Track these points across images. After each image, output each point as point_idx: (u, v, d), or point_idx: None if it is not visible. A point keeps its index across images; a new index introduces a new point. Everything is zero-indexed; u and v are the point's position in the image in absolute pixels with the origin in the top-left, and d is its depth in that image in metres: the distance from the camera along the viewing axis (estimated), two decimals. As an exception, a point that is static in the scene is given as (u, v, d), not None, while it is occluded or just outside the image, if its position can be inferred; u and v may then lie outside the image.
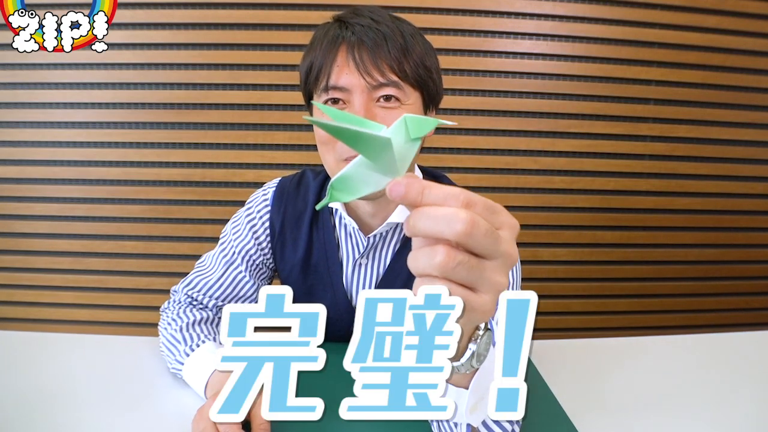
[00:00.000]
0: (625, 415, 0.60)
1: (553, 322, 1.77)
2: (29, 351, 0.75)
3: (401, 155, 0.30)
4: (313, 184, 0.79)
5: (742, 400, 0.64)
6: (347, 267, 0.77)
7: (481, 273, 0.30)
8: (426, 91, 0.65)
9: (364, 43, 0.60)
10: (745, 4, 1.63)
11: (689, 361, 0.75)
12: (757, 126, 1.72)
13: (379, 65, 0.60)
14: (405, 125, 0.30)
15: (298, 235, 0.77)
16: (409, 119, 0.30)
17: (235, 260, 0.77)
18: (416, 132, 0.30)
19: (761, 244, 1.80)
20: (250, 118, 1.63)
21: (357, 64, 0.60)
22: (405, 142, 0.30)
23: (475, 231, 0.28)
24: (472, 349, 0.36)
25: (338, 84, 0.61)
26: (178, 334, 0.67)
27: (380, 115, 0.61)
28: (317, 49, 0.64)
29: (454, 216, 0.28)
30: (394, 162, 0.29)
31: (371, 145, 0.27)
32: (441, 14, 1.58)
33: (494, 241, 0.30)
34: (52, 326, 1.73)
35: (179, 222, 1.68)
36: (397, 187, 0.29)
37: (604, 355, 0.77)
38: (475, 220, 0.28)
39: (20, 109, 1.62)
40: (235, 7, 1.57)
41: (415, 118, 0.30)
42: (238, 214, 0.81)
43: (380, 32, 0.60)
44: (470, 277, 0.30)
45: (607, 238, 1.74)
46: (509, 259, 0.32)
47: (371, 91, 0.61)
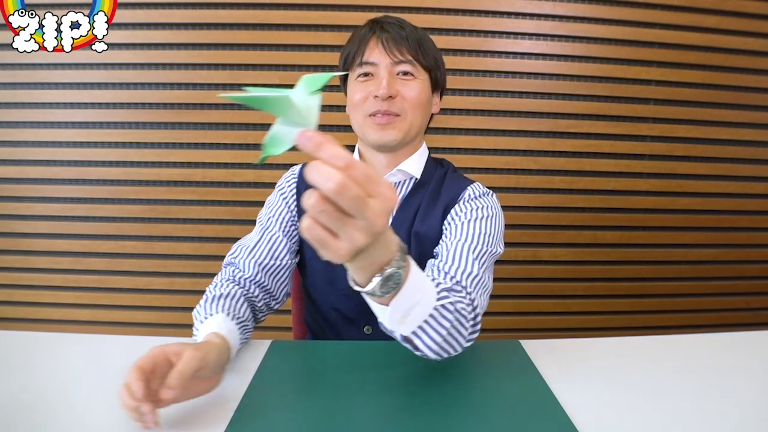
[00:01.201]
0: (625, 415, 0.60)
1: (553, 322, 1.77)
2: (29, 351, 0.75)
3: (307, 108, 0.36)
4: None
5: (742, 400, 0.64)
6: None
7: (342, 225, 0.38)
8: (434, 76, 0.85)
9: (390, 34, 0.81)
10: (745, 4, 1.63)
11: (689, 361, 0.75)
12: (757, 126, 1.72)
13: (400, 49, 0.80)
14: (304, 83, 0.36)
15: None
16: (306, 78, 0.36)
17: (269, 226, 0.88)
18: (313, 86, 0.36)
19: (761, 244, 1.80)
20: (250, 118, 1.63)
21: (384, 47, 0.80)
22: (306, 96, 0.36)
23: (343, 192, 0.36)
24: (375, 280, 0.47)
25: (369, 60, 0.81)
26: (201, 307, 0.74)
27: (399, 84, 0.81)
28: (354, 41, 0.84)
29: (331, 176, 0.36)
30: (301, 114, 0.35)
31: (276, 104, 0.34)
32: (441, 14, 1.58)
33: (359, 205, 0.37)
34: (52, 326, 1.73)
35: (179, 222, 1.68)
36: (301, 137, 0.36)
37: (604, 355, 0.77)
38: (345, 183, 0.36)
39: (20, 109, 1.62)
40: (235, 7, 1.57)
41: (311, 76, 0.36)
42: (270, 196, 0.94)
43: (402, 29, 0.82)
44: (333, 224, 0.38)
45: (607, 238, 1.74)
46: (372, 225, 0.39)
47: (393, 66, 0.81)
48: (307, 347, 0.81)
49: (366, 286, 0.48)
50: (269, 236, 0.86)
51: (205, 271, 1.70)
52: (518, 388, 0.65)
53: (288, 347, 0.78)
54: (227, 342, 0.64)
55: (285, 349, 0.76)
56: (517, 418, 0.58)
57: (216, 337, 0.64)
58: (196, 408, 0.59)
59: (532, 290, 1.75)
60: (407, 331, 0.56)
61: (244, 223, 1.67)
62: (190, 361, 0.54)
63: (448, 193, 0.85)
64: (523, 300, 1.75)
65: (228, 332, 0.66)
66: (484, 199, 0.84)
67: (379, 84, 0.79)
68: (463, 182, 0.87)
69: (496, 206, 0.84)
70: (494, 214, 0.81)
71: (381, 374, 0.68)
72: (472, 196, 0.84)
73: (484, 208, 0.81)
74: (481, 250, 0.75)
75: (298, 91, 0.36)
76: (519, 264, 1.73)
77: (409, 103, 0.81)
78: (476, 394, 0.59)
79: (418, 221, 0.83)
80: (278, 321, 1.71)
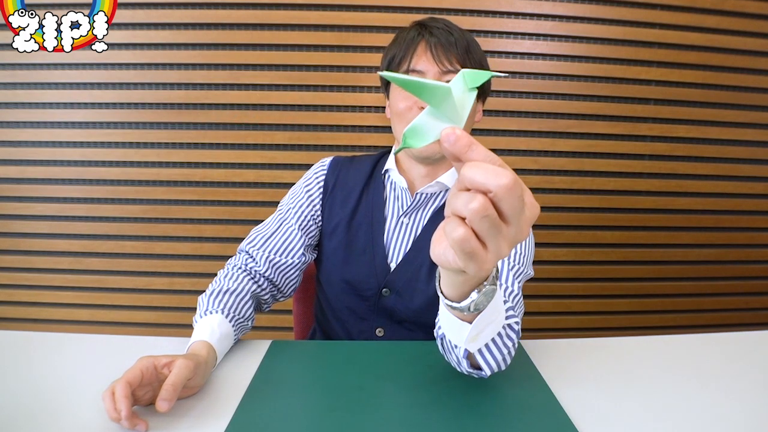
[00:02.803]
0: (624, 415, 0.60)
1: (553, 322, 1.77)
2: (29, 351, 0.75)
3: (461, 104, 0.34)
4: (369, 158, 0.92)
5: (743, 400, 0.64)
6: (390, 224, 0.85)
7: (497, 233, 0.34)
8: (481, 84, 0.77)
9: (439, 40, 0.78)
10: (745, 4, 1.63)
11: (689, 361, 0.75)
12: (757, 126, 1.72)
13: (449, 57, 0.77)
14: (463, 77, 0.35)
15: (349, 195, 0.87)
16: (467, 73, 0.35)
17: (287, 218, 0.87)
18: (472, 82, 0.35)
19: (761, 244, 1.80)
20: (250, 118, 1.63)
21: (433, 55, 0.77)
22: (463, 92, 0.35)
23: (514, 189, 0.32)
24: (473, 297, 0.45)
25: (416, 68, 0.78)
26: (206, 297, 0.75)
27: None
28: (401, 44, 0.81)
29: (503, 172, 0.32)
30: (455, 109, 0.34)
31: (434, 93, 0.33)
32: (441, 14, 1.57)
33: (521, 208, 0.34)
34: (52, 326, 1.73)
35: (179, 222, 1.68)
36: (450, 134, 0.33)
37: (604, 355, 0.77)
38: (517, 180, 0.32)
39: (20, 109, 1.62)
40: (235, 7, 1.57)
41: (472, 71, 0.35)
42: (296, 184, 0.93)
43: (452, 35, 0.78)
44: (489, 233, 0.34)
45: (607, 238, 1.74)
46: (520, 234, 0.35)
47: (441, 75, 0.77)
48: (307, 347, 0.81)
49: (461, 301, 0.46)
50: (286, 228, 0.86)
51: (205, 271, 1.70)
52: (518, 388, 0.65)
53: (288, 347, 0.78)
54: (214, 352, 0.67)
55: (285, 349, 0.76)
56: (517, 417, 0.58)
57: (204, 347, 0.66)
58: (196, 408, 0.60)
59: (532, 290, 1.75)
60: (474, 348, 0.55)
61: (244, 223, 1.67)
62: (182, 371, 0.56)
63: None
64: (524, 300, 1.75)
65: (219, 339, 0.69)
66: None
67: None
68: None
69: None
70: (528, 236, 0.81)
71: (381, 374, 0.68)
72: None
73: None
74: (518, 270, 0.76)
75: (456, 83, 0.35)
76: (519, 264, 1.73)
77: None
78: (476, 394, 0.59)
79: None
80: (278, 321, 1.71)
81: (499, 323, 0.55)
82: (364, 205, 0.86)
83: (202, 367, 0.62)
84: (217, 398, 0.61)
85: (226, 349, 0.71)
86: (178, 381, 0.56)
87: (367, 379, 0.66)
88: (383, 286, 0.83)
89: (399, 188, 0.86)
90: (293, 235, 0.86)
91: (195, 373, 0.59)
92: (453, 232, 0.34)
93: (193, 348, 0.66)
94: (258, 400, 0.61)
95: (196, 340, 0.67)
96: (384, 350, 0.75)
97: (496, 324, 0.54)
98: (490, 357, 0.57)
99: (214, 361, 0.67)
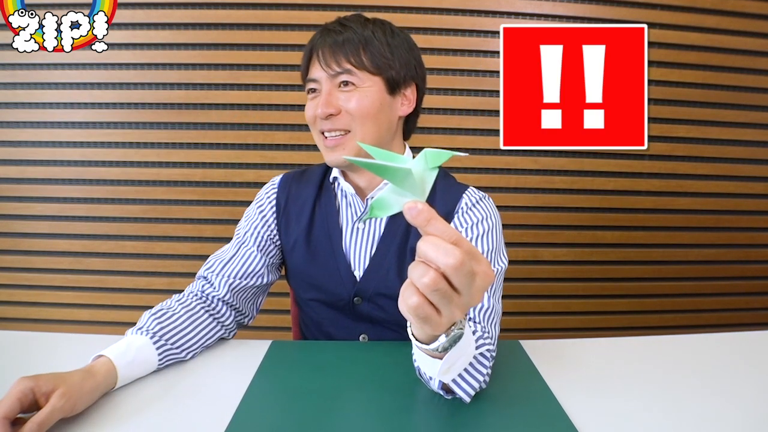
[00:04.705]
0: (624, 415, 0.60)
1: (552, 322, 1.77)
2: (29, 351, 0.75)
3: (422, 180, 0.36)
4: (318, 169, 0.89)
5: (743, 400, 0.64)
6: (346, 232, 0.83)
7: (449, 302, 0.38)
8: (387, 77, 0.77)
9: (326, 42, 0.76)
10: (745, 4, 1.63)
11: (689, 361, 0.75)
12: (757, 126, 1.72)
13: (337, 58, 0.74)
14: (425, 157, 0.36)
15: (302, 210, 0.85)
16: (428, 152, 0.36)
17: (245, 241, 0.85)
18: (433, 162, 0.36)
19: (761, 244, 1.80)
20: (250, 118, 1.63)
21: (320, 60, 0.76)
22: (424, 171, 0.36)
23: (461, 268, 0.35)
24: (441, 341, 0.47)
25: (312, 77, 0.77)
26: (148, 314, 0.72)
27: (341, 98, 0.75)
28: (305, 54, 0.80)
29: (452, 252, 0.35)
30: (416, 186, 0.36)
31: (396, 175, 0.35)
32: (441, 14, 1.58)
33: (470, 282, 0.37)
34: (52, 326, 1.73)
35: (179, 222, 1.68)
36: (412, 208, 0.36)
37: (604, 355, 0.77)
38: (464, 259, 0.35)
39: (20, 109, 1.62)
40: (234, 7, 1.57)
41: (435, 151, 0.36)
42: (249, 207, 0.91)
43: (342, 34, 0.76)
44: (441, 302, 0.38)
45: (607, 238, 1.74)
46: (472, 301, 0.39)
47: (332, 78, 0.75)
48: (307, 347, 0.81)
49: (430, 344, 0.48)
50: (244, 251, 0.84)
51: (205, 271, 1.70)
52: (518, 388, 0.65)
53: (288, 347, 0.78)
54: (115, 377, 0.62)
55: (285, 349, 0.76)
56: (517, 417, 0.58)
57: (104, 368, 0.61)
58: (196, 408, 0.60)
59: (532, 290, 1.75)
60: (448, 379, 0.56)
61: (244, 223, 1.67)
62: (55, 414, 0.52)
63: (444, 204, 0.80)
64: (523, 300, 1.75)
65: (129, 365, 0.64)
66: (480, 207, 0.80)
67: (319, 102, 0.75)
68: (456, 190, 0.82)
69: (493, 214, 0.80)
70: (493, 225, 0.78)
71: (381, 374, 0.68)
72: (469, 205, 0.80)
73: (483, 220, 0.77)
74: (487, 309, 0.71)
75: (418, 162, 0.37)
76: (519, 264, 1.73)
77: (354, 116, 0.74)
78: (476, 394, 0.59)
79: (413, 236, 0.79)
80: (278, 321, 1.71)
81: (470, 355, 0.55)
82: (318, 217, 0.84)
83: (86, 393, 0.57)
84: (217, 398, 0.61)
85: (136, 375, 0.66)
86: (47, 423, 0.51)
87: (367, 379, 0.67)
88: (354, 296, 0.81)
89: (350, 195, 0.83)
90: (252, 257, 0.83)
91: (74, 407, 0.55)
92: (408, 299, 0.38)
93: (95, 364, 0.61)
94: (258, 400, 0.61)
95: (105, 357, 0.63)
96: (384, 350, 0.75)
97: (467, 356, 0.55)
98: (466, 384, 0.58)
99: (113, 385, 0.62)
